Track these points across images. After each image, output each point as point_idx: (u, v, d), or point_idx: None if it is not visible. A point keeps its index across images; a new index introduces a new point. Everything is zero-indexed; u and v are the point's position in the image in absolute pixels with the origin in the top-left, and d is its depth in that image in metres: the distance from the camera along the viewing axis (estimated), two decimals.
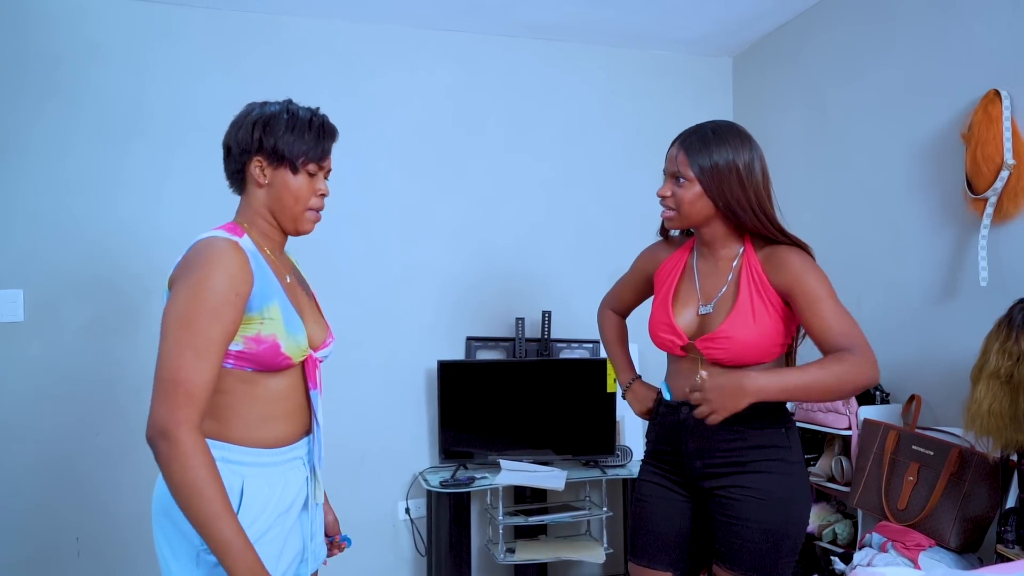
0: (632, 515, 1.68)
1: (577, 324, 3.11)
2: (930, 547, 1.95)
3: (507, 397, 2.89)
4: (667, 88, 3.32)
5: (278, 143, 1.31)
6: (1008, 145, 2.01)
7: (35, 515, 2.58)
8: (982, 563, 1.95)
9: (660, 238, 1.74)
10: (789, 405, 2.50)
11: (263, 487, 1.28)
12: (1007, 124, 2.02)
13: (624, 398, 1.83)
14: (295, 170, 1.33)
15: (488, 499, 2.92)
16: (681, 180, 1.50)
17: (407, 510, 2.96)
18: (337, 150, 3.14)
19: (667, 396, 1.62)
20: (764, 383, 1.35)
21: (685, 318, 1.56)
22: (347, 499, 2.90)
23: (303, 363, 1.35)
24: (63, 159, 2.65)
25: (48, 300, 2.60)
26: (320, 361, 1.40)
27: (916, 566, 1.89)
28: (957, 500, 1.94)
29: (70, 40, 2.64)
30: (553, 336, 3.05)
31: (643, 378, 1.82)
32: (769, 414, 1.51)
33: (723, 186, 1.47)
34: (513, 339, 3.01)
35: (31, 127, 2.60)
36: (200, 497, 1.14)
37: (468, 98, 3.09)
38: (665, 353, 1.64)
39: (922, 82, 2.38)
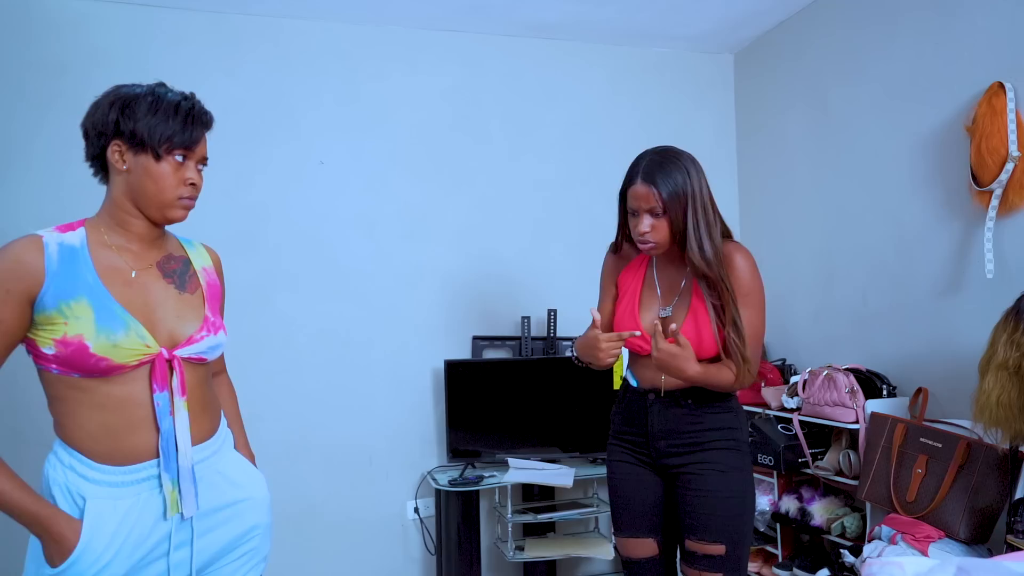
0: (611, 496, 1.84)
1: (582, 322, 3.08)
2: (940, 539, 1.95)
3: (514, 396, 2.89)
4: (669, 86, 3.32)
5: (137, 126, 1.22)
6: (1013, 137, 2.02)
7: None
8: (992, 554, 1.95)
9: (613, 252, 1.88)
10: (793, 401, 2.52)
11: (110, 518, 1.19)
12: (1011, 116, 2.03)
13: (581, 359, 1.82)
14: (158, 157, 1.23)
15: (496, 497, 2.93)
16: (659, 214, 1.62)
17: (416, 509, 2.97)
18: (341, 152, 3.14)
19: (634, 383, 1.79)
20: (694, 372, 1.59)
21: (648, 320, 1.74)
22: (356, 499, 2.92)
23: (152, 364, 1.22)
24: (68, 165, 2.65)
25: None
26: (184, 359, 1.27)
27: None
28: (966, 492, 1.94)
29: (74, 47, 2.65)
30: (559, 334, 3.06)
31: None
32: (721, 401, 1.71)
33: (685, 211, 1.61)
34: (519, 338, 3.02)
35: (36, 133, 2.61)
36: None
37: (470, 98, 3.09)
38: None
39: (925, 75, 2.38)
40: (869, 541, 2.10)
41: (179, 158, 1.26)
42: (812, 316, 2.93)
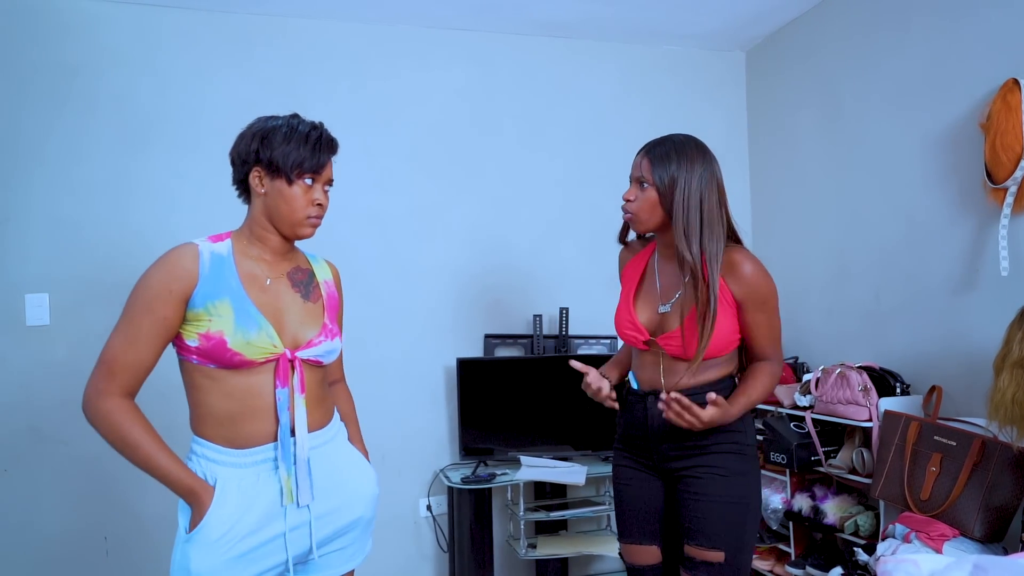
0: (615, 500, 1.82)
1: (594, 320, 3.11)
2: (954, 537, 1.95)
3: (526, 394, 2.90)
4: (680, 84, 3.32)
5: (274, 155, 1.38)
6: None
7: (64, 515, 2.62)
8: (1007, 552, 1.94)
9: (621, 245, 1.86)
10: (805, 399, 2.51)
11: (234, 490, 1.35)
12: None
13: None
14: (290, 181, 1.39)
15: (509, 495, 2.94)
16: (645, 185, 1.62)
17: (429, 507, 2.98)
18: (353, 151, 3.17)
19: (635, 385, 1.75)
20: (738, 411, 1.61)
21: (646, 316, 1.71)
22: None
23: (276, 363, 1.38)
24: (82, 165, 2.68)
25: (73, 303, 2.64)
26: (304, 360, 1.41)
27: None
28: (981, 490, 1.94)
29: (87, 48, 2.67)
30: (571, 332, 3.06)
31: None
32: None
33: (673, 196, 1.59)
34: (531, 336, 3.03)
35: (49, 133, 2.63)
36: (126, 446, 1.33)
37: (482, 97, 3.10)
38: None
39: (938, 72, 2.37)
40: (883, 539, 2.09)
41: (308, 181, 1.41)
42: (825, 314, 2.92)
